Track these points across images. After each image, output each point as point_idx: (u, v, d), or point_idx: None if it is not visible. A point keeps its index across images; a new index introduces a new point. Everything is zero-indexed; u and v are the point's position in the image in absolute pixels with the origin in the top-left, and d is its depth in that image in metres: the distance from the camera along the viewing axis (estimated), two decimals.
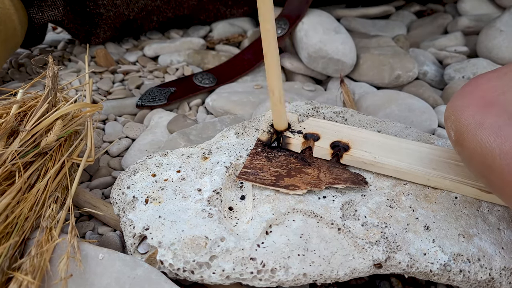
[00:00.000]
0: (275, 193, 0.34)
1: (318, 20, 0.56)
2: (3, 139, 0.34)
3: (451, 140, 0.30)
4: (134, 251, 0.31)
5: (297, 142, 0.36)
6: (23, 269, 0.27)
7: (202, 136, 0.44)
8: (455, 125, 0.29)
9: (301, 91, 0.53)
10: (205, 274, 0.29)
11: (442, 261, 0.30)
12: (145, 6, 0.62)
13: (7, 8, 0.49)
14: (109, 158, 0.44)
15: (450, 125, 0.29)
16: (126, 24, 0.63)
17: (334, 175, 0.35)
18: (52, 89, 0.37)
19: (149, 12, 0.63)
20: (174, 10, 0.65)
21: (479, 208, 0.33)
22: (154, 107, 0.51)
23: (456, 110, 0.29)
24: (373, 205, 0.33)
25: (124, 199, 0.34)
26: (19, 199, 0.31)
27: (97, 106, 0.40)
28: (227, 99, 0.50)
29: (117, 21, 0.61)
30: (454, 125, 0.29)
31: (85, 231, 0.36)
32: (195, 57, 0.61)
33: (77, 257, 0.29)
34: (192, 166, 0.36)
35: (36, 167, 0.34)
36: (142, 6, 0.62)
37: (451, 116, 0.29)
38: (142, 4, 0.62)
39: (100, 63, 0.59)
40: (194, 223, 0.31)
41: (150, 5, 0.62)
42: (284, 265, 0.29)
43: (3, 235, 0.29)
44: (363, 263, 0.29)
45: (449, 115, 0.29)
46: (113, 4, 0.59)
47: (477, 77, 0.30)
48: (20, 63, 0.59)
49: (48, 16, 0.54)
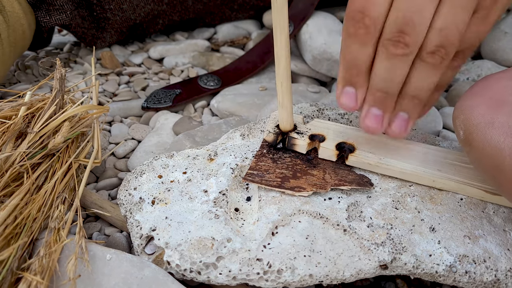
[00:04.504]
0: (281, 194, 0.34)
1: (322, 23, 0.56)
2: (12, 140, 0.34)
3: (460, 140, 0.30)
4: (141, 252, 0.31)
5: (302, 143, 0.36)
6: (32, 270, 0.28)
7: (207, 138, 0.44)
8: (465, 124, 0.28)
9: (305, 92, 0.53)
10: (211, 275, 0.29)
11: (447, 263, 0.30)
12: (152, 10, 0.62)
13: (16, 12, 0.49)
14: (115, 159, 0.45)
15: (459, 124, 0.29)
16: (132, 28, 0.63)
17: (339, 176, 0.35)
18: (60, 91, 0.38)
19: (155, 16, 0.64)
20: (180, 14, 0.65)
21: (484, 209, 0.33)
22: (159, 109, 0.51)
23: (465, 110, 0.29)
24: (378, 206, 0.33)
25: (131, 200, 0.34)
26: (27, 200, 0.32)
27: (104, 108, 0.41)
28: (232, 101, 0.50)
29: (123, 25, 0.62)
30: (464, 124, 0.29)
31: (92, 232, 0.36)
32: (200, 59, 0.61)
33: (85, 258, 0.29)
34: (198, 168, 0.37)
35: (44, 169, 0.35)
36: (149, 10, 0.62)
37: (460, 116, 0.29)
38: (149, 9, 0.62)
39: (106, 65, 0.59)
40: (200, 224, 0.32)
41: (156, 9, 0.63)
42: (290, 266, 0.29)
43: (12, 236, 0.29)
44: (369, 264, 0.30)
45: (458, 115, 0.29)
46: (120, 9, 0.60)
47: (486, 77, 0.30)
48: (27, 65, 0.59)
49: (55, 20, 0.55)
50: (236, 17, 0.70)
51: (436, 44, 0.28)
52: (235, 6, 0.68)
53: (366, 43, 0.30)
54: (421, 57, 0.29)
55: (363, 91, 0.32)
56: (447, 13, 0.28)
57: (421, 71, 0.30)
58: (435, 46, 0.28)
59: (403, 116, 0.32)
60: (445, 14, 0.28)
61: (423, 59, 0.29)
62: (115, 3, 0.59)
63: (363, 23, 0.29)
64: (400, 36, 0.28)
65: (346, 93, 0.32)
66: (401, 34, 0.28)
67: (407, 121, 0.32)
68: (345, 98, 0.33)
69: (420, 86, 0.31)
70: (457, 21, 0.28)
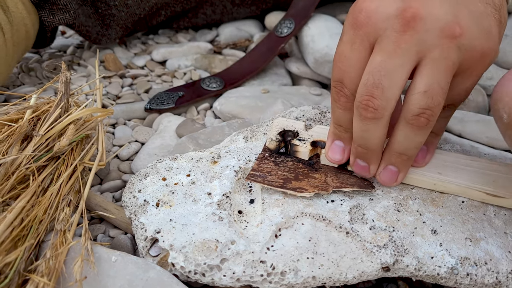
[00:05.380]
0: (284, 197, 0.34)
1: (324, 25, 0.57)
2: (18, 143, 0.35)
3: (502, 124, 0.30)
4: (146, 254, 0.32)
5: (304, 150, 0.37)
6: (38, 271, 0.28)
7: (210, 140, 0.44)
8: (510, 107, 0.28)
9: (307, 95, 0.53)
10: (216, 277, 0.29)
11: (449, 265, 0.30)
12: (156, 4, 0.63)
13: (20, 12, 0.50)
14: (119, 162, 0.45)
15: (502, 107, 0.29)
16: (136, 22, 0.64)
17: (341, 179, 0.35)
18: (65, 95, 0.38)
19: (158, 8, 0.64)
20: (183, 5, 0.66)
21: (485, 212, 0.34)
22: (162, 111, 0.52)
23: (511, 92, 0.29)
24: (380, 209, 0.33)
25: (135, 202, 0.35)
26: (33, 202, 0.32)
27: (108, 111, 0.41)
28: (235, 103, 0.51)
29: (128, 20, 0.62)
30: (508, 107, 0.28)
31: (97, 234, 0.37)
32: (203, 62, 0.62)
33: (91, 260, 0.29)
34: (201, 170, 0.37)
35: (49, 171, 0.35)
36: (153, 4, 0.63)
37: (504, 98, 0.29)
38: (153, 2, 0.62)
39: (109, 68, 0.60)
40: (204, 226, 0.32)
41: (160, 2, 0.63)
42: (293, 268, 0.29)
43: (19, 238, 0.30)
44: (371, 266, 0.30)
45: (501, 97, 0.29)
46: (125, 4, 0.60)
47: None
48: (30, 68, 0.60)
49: (59, 20, 0.55)
50: (237, 12, 0.70)
51: (421, 106, 0.29)
52: (237, 0, 0.68)
53: (348, 109, 0.32)
54: (406, 119, 0.30)
55: (350, 147, 0.34)
56: (429, 74, 0.28)
57: (407, 132, 0.31)
58: (420, 108, 0.29)
59: (392, 169, 0.33)
60: (427, 76, 0.29)
61: (408, 121, 0.30)
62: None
63: (343, 92, 0.31)
64: (369, 100, 0.29)
65: (334, 146, 0.35)
66: (370, 97, 0.29)
67: (396, 173, 0.34)
68: (332, 151, 0.35)
69: (407, 145, 0.32)
70: (441, 82, 0.29)
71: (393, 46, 0.28)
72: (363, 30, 0.29)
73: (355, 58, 0.30)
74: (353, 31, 0.30)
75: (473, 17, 0.29)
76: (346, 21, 0.30)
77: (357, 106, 0.30)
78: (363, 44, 0.30)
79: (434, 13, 0.28)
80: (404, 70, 0.29)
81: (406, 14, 0.28)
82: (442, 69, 0.28)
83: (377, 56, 0.29)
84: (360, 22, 0.29)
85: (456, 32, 0.28)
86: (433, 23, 0.28)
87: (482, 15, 0.29)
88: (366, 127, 0.31)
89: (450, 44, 0.28)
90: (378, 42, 0.29)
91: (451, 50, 0.28)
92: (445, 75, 0.29)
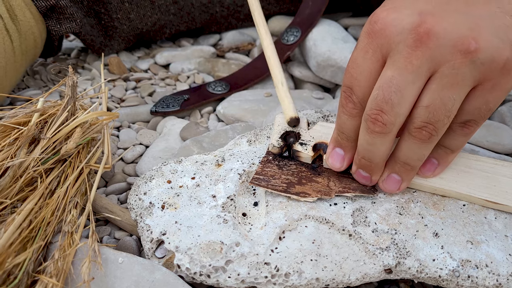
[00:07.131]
0: (287, 199, 0.35)
1: (326, 30, 0.57)
2: (25, 146, 0.35)
3: None
4: (152, 255, 0.32)
5: (306, 156, 0.37)
6: (47, 272, 0.28)
7: (214, 144, 0.45)
8: None
9: (310, 99, 0.54)
10: (221, 278, 0.30)
11: (450, 267, 0.30)
12: (158, 20, 0.64)
13: (28, 21, 0.50)
14: (124, 164, 0.46)
15: None
16: (139, 35, 0.65)
17: (343, 184, 0.36)
18: (72, 98, 0.39)
19: (162, 26, 0.65)
20: (187, 25, 0.67)
21: (486, 215, 0.34)
22: (167, 113, 0.52)
23: None
24: (383, 212, 0.34)
25: (141, 205, 0.35)
26: (41, 204, 0.32)
27: (113, 115, 0.42)
28: (238, 107, 0.51)
29: (130, 34, 0.63)
30: None
31: (102, 235, 0.37)
32: (206, 65, 0.62)
33: (98, 261, 0.30)
34: (206, 173, 0.38)
35: (56, 174, 0.35)
36: (156, 20, 0.63)
37: None
38: (156, 18, 0.63)
39: (113, 71, 0.60)
40: (209, 228, 0.32)
41: (163, 19, 0.64)
42: (297, 270, 0.30)
43: (27, 239, 0.30)
44: (373, 268, 0.30)
45: None
46: (127, 18, 0.61)
47: None
48: (35, 71, 0.60)
49: (65, 28, 0.56)
50: (242, 26, 0.71)
51: (423, 120, 0.29)
52: (241, 16, 0.69)
53: (354, 116, 0.32)
54: (409, 131, 0.30)
55: (350, 156, 0.35)
56: (434, 89, 0.29)
57: (410, 143, 0.31)
58: (422, 122, 0.29)
59: (395, 177, 0.34)
60: (432, 91, 0.29)
61: (411, 133, 0.30)
62: (122, 12, 0.61)
63: (351, 99, 0.32)
64: (378, 114, 0.29)
65: (335, 153, 0.35)
66: (379, 112, 0.29)
67: (399, 182, 0.34)
68: (332, 158, 0.35)
69: (410, 156, 0.32)
70: (444, 98, 0.28)
71: (404, 62, 0.28)
72: (377, 41, 0.29)
73: (367, 68, 0.30)
74: (367, 40, 0.30)
75: (495, 30, 0.28)
76: (364, 27, 0.31)
77: (365, 119, 0.30)
78: (375, 55, 0.30)
79: (448, 28, 0.28)
80: (415, 86, 0.29)
81: (419, 29, 0.28)
82: (449, 84, 0.28)
83: (389, 70, 0.29)
84: (375, 32, 0.29)
85: (471, 47, 0.27)
86: (446, 38, 0.28)
87: (508, 28, 0.28)
88: (372, 140, 0.31)
89: (463, 59, 0.27)
90: (390, 56, 0.29)
91: (463, 65, 0.28)
92: (451, 91, 0.28)
